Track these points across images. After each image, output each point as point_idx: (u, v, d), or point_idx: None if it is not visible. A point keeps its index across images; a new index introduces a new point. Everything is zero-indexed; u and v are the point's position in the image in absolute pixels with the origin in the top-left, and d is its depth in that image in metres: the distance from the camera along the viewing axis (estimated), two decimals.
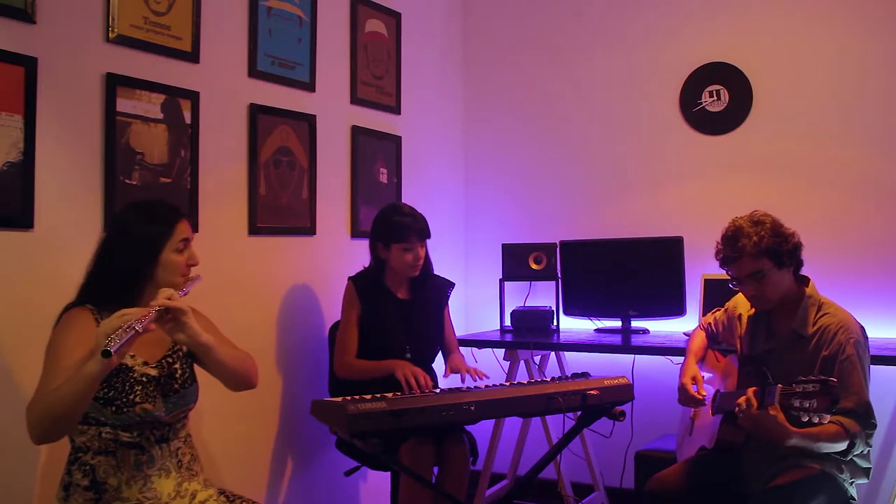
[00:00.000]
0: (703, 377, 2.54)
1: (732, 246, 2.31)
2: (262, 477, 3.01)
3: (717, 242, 2.40)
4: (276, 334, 3.07)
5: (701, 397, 2.45)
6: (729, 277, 2.40)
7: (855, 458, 2.25)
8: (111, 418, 1.88)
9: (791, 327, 2.34)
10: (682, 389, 2.49)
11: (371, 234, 2.98)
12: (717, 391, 2.47)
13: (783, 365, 2.31)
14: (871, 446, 2.26)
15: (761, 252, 2.27)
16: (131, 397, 1.89)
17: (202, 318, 2.07)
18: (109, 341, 1.66)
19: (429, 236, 2.93)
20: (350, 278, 2.98)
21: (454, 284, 3.12)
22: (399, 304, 2.96)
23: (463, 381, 2.84)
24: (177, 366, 2.02)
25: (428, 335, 3.00)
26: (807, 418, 1.99)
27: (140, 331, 1.72)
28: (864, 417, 2.19)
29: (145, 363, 1.96)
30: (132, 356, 1.93)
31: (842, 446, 2.17)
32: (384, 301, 2.93)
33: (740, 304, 2.57)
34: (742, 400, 2.15)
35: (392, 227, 2.89)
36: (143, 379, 1.93)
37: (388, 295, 2.95)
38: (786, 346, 2.35)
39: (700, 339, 2.70)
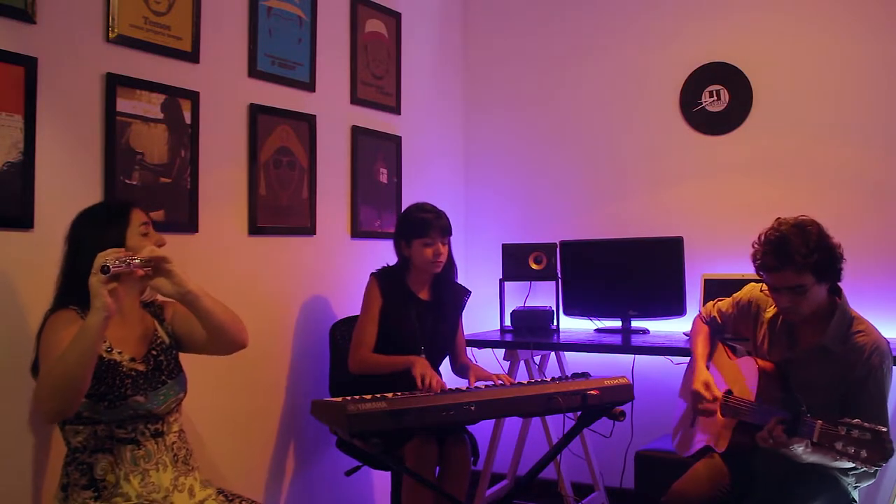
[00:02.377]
0: (714, 381, 2.44)
1: (777, 255, 2.15)
2: (263, 476, 3.01)
3: (754, 243, 2.25)
4: (277, 334, 3.07)
5: (715, 407, 2.37)
6: (760, 278, 2.28)
7: None
8: (105, 414, 1.89)
9: (818, 340, 2.24)
10: (697, 396, 2.39)
11: (395, 233, 2.98)
12: (730, 392, 2.41)
13: (805, 377, 2.24)
14: (880, 467, 2.22)
15: (807, 267, 2.12)
16: (123, 391, 1.91)
17: None
18: (106, 261, 1.70)
19: (450, 233, 2.93)
20: (373, 274, 2.96)
21: (471, 293, 3.11)
22: (420, 304, 2.95)
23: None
24: (162, 358, 2.05)
25: (443, 338, 2.99)
26: (849, 463, 1.91)
27: (134, 265, 1.77)
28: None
29: (132, 359, 1.98)
30: (119, 352, 1.95)
31: (852, 464, 2.12)
32: (405, 300, 2.93)
33: (763, 300, 2.44)
34: (766, 434, 2.09)
35: (413, 222, 2.89)
36: (133, 373, 1.95)
37: (409, 294, 2.94)
38: (809, 358, 2.26)
39: (704, 338, 2.59)
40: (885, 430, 1.89)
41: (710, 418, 2.46)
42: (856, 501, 2.29)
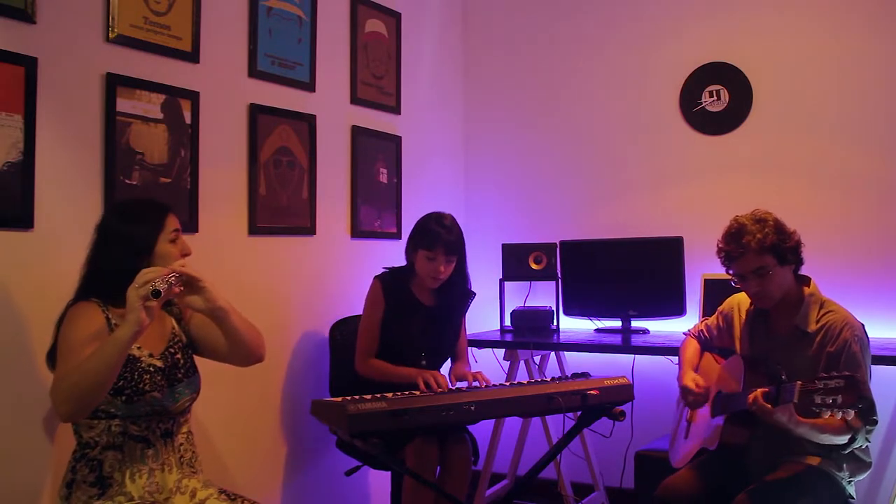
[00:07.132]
0: (701, 379, 2.54)
1: (736, 243, 2.31)
2: (262, 476, 3.01)
3: (718, 241, 2.40)
4: (277, 334, 3.07)
5: (705, 395, 2.47)
6: (730, 276, 2.40)
7: (856, 452, 2.27)
8: (122, 409, 1.91)
9: (793, 324, 2.35)
10: (687, 391, 2.50)
11: (409, 236, 2.95)
12: (720, 392, 2.47)
13: (786, 362, 2.30)
14: (869, 441, 2.28)
15: (765, 249, 2.28)
16: (141, 386, 1.93)
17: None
18: (154, 284, 1.75)
19: (457, 252, 2.87)
20: (377, 277, 2.94)
21: (475, 294, 3.07)
22: (423, 309, 2.92)
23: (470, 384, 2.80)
24: (179, 356, 2.06)
25: (445, 343, 2.98)
26: (829, 413, 1.97)
27: (174, 284, 1.83)
28: (867, 413, 2.19)
29: (151, 355, 1.99)
30: (138, 347, 1.97)
31: (843, 439, 2.18)
32: (409, 305, 2.91)
33: (735, 303, 2.58)
34: (752, 398, 2.14)
35: (423, 233, 2.85)
36: (151, 369, 1.97)
37: (412, 299, 2.92)
38: (787, 343, 2.36)
39: (693, 348, 2.69)
40: (857, 375, 1.98)
41: (702, 422, 2.52)
42: (853, 498, 2.31)
